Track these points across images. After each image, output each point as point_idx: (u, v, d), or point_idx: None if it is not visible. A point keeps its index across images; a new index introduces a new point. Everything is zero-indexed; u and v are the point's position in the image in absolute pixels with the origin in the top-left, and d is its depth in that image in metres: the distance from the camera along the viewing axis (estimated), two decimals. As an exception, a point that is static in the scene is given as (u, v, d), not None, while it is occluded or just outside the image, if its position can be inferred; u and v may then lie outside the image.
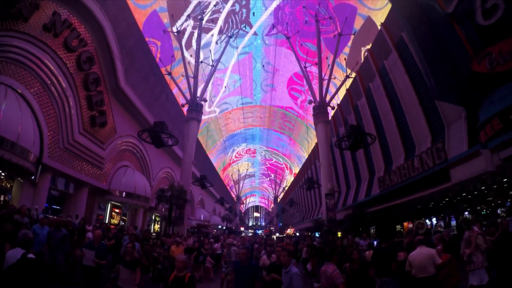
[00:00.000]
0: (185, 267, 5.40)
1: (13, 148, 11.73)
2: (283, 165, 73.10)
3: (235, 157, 69.15)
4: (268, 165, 78.29)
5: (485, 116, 10.62)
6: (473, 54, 11.20)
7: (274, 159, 72.75)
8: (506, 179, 10.86)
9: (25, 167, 12.58)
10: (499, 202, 12.67)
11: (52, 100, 14.83)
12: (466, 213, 14.92)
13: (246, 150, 69.10)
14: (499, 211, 12.85)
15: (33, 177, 14.01)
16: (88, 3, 15.54)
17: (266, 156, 72.13)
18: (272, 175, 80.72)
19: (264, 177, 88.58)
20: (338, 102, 29.64)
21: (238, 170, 75.69)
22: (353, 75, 26.05)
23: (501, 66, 9.90)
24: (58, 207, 17.49)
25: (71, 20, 15.01)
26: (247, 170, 76.86)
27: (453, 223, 15.71)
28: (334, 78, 27.57)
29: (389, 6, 19.83)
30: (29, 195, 14.18)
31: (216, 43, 31.95)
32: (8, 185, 13.82)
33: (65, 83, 15.34)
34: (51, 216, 13.20)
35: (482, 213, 13.78)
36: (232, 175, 75.32)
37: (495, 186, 11.76)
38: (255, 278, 5.66)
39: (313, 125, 28.15)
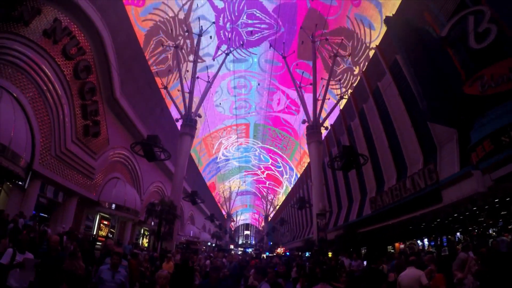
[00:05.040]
0: (168, 283, 5.39)
1: (4, 152, 11.56)
2: (275, 184, 72.90)
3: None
4: (260, 183, 78.02)
5: (476, 138, 10.79)
6: (465, 77, 11.47)
7: (266, 177, 72.53)
8: (497, 200, 10.95)
9: (15, 172, 12.38)
10: (491, 222, 12.74)
11: (46, 107, 14.76)
12: (458, 234, 14.93)
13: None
14: (490, 231, 12.90)
15: (21, 183, 13.78)
16: (89, 12, 15.70)
17: (258, 173, 71.75)
18: (264, 189, 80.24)
19: (255, 196, 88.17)
20: (332, 123, 29.94)
21: (230, 188, 75.22)
22: (347, 96, 26.46)
23: (492, 89, 10.14)
24: (46, 215, 17.16)
25: (71, 28, 15.13)
26: (239, 188, 76.44)
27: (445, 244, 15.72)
28: (328, 99, 27.95)
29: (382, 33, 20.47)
30: (17, 201, 13.91)
31: (213, 59, 32.30)
32: (-3, 190, 13.59)
33: (61, 91, 15.31)
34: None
35: (474, 233, 13.82)
36: (223, 192, 74.76)
37: (486, 207, 11.84)
38: None
39: (306, 145, 28.32)
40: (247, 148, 60.46)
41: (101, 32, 16.81)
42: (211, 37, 31.43)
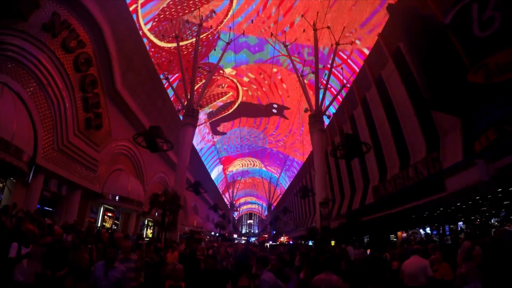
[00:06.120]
0: (183, 276, 5.36)
1: (7, 147, 11.58)
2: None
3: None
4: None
5: (480, 126, 10.72)
6: (469, 65, 11.30)
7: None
8: (500, 189, 10.91)
9: (19, 167, 12.41)
10: (493, 211, 12.74)
11: (48, 101, 14.72)
12: (460, 223, 14.96)
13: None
14: (493, 221, 12.91)
15: (26, 178, 13.85)
16: (88, 5, 15.58)
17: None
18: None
19: (258, 185, 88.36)
20: (334, 111, 29.81)
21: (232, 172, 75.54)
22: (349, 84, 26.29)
23: (497, 77, 9.99)
24: (51, 209, 17.29)
25: (70, 21, 14.97)
26: (241, 178, 76.65)
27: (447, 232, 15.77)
28: (331, 87, 27.77)
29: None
30: (21, 196, 14.00)
31: (214, 49, 32.04)
32: (0, 185, 13.65)
33: (61, 84, 15.26)
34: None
35: (476, 223, 13.84)
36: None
37: (489, 196, 11.82)
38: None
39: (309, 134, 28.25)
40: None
41: (100, 24, 16.68)
42: (211, 27, 31.16)
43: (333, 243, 21.16)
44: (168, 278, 6.65)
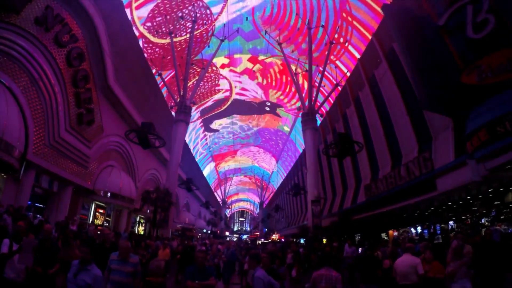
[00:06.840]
0: (162, 273, 5.31)
1: (-2, 142, 11.41)
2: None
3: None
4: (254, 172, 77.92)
5: (472, 127, 10.85)
6: (462, 67, 11.42)
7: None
8: (491, 189, 11.08)
9: (9, 163, 12.18)
10: (484, 211, 12.93)
11: (39, 96, 14.46)
12: (451, 222, 15.14)
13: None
14: (483, 220, 13.10)
15: (17, 174, 13.64)
16: (81, -1, 15.40)
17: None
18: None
19: (250, 183, 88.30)
20: (327, 110, 29.93)
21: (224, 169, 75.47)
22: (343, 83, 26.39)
23: (489, 79, 10.13)
24: (42, 206, 17.08)
25: (63, 15, 14.72)
26: (233, 175, 76.59)
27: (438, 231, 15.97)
28: (324, 86, 27.87)
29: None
30: (12, 192, 13.78)
31: (208, 46, 31.90)
32: (-10, 181, 13.46)
33: (53, 79, 15.00)
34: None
35: (467, 222, 14.03)
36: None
37: (480, 196, 11.99)
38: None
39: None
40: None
41: (93, 19, 16.47)
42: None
43: (325, 241, 21.31)
44: (149, 274, 6.61)
